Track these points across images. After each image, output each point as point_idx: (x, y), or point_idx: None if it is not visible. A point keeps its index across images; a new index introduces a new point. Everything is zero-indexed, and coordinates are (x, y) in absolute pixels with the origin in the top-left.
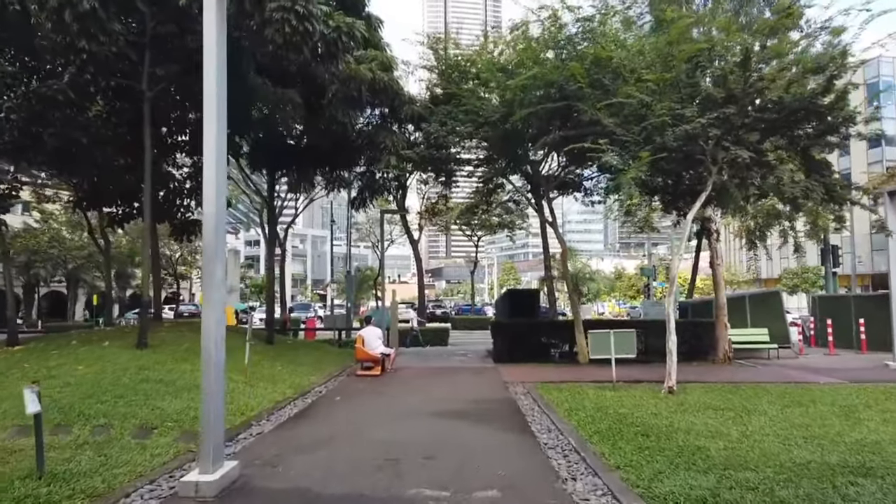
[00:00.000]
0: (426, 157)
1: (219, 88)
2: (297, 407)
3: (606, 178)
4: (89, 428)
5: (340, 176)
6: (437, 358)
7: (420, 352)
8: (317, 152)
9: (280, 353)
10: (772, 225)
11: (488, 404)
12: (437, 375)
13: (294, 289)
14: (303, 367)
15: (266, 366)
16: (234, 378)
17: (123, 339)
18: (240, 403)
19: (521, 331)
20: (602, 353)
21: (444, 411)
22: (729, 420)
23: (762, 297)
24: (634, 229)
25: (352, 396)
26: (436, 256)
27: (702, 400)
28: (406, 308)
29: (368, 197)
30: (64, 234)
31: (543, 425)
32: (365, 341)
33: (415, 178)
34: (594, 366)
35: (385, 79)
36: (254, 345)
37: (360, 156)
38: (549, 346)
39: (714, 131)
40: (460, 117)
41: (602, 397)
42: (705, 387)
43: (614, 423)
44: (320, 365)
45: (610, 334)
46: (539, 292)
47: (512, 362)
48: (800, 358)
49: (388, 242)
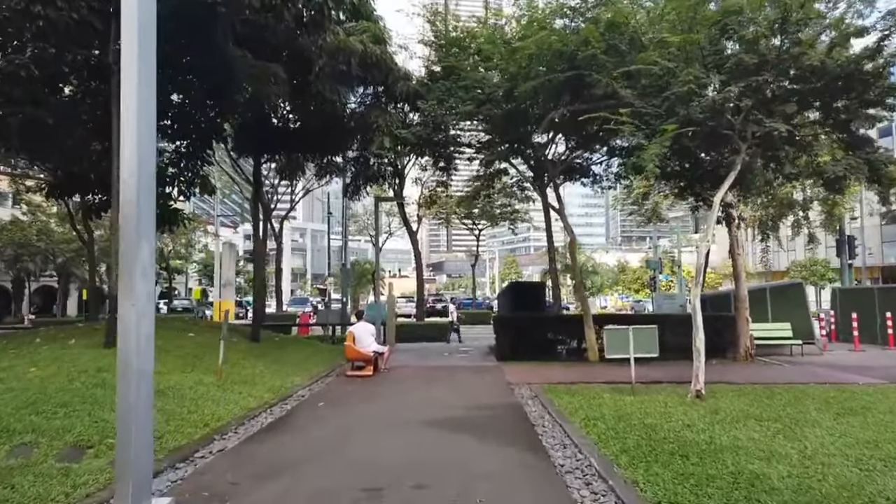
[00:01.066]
0: (423, 137)
1: None
2: (273, 415)
3: (617, 163)
4: (8, 448)
5: (332, 162)
6: (435, 356)
7: (417, 349)
8: (306, 135)
9: (265, 351)
10: (785, 215)
11: (492, 411)
12: (434, 376)
13: (294, 283)
14: (287, 367)
15: (246, 366)
16: (204, 381)
17: (92, 338)
18: (205, 412)
19: (525, 326)
20: (619, 353)
21: (441, 420)
22: (779, 434)
23: (784, 289)
24: (642, 220)
25: (337, 402)
26: (437, 251)
27: (737, 407)
28: (406, 302)
29: (362, 184)
30: (52, 227)
31: (557, 439)
32: (356, 338)
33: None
34: (606, 364)
35: (377, 52)
36: (235, 342)
37: (352, 139)
38: (556, 343)
39: (745, 101)
40: (460, 94)
41: (621, 403)
42: (734, 389)
43: (643, 437)
44: (307, 364)
45: (628, 331)
46: (545, 285)
47: (516, 360)
48: (824, 355)
49: (387, 235)
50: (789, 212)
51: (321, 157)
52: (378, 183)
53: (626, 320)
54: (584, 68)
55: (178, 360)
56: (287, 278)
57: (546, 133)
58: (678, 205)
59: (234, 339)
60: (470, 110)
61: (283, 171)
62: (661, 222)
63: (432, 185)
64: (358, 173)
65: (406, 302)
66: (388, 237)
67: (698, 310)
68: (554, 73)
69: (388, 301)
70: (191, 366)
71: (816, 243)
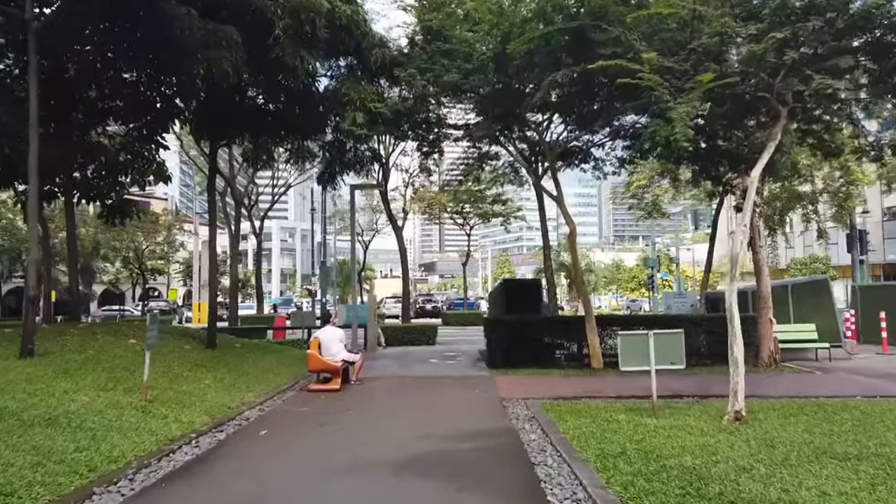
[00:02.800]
0: (402, 112)
1: None
2: (198, 448)
3: (621, 146)
4: None
5: (304, 147)
6: (419, 363)
7: (400, 354)
8: (273, 116)
9: (220, 360)
10: (792, 208)
11: (480, 442)
12: (414, 389)
13: (283, 284)
14: (241, 380)
15: (190, 379)
16: (121, 403)
17: (10, 345)
18: (101, 449)
19: (520, 329)
20: (637, 364)
21: (413, 459)
22: (879, 484)
23: (808, 285)
24: (642, 215)
25: (285, 429)
26: (429, 250)
27: (793, 435)
28: (395, 302)
29: (338, 172)
30: (19, 224)
31: (567, 490)
32: (322, 346)
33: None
34: (612, 372)
35: (347, 12)
36: (187, 350)
37: (325, 121)
38: (554, 348)
39: (791, 54)
40: (443, 62)
41: (642, 428)
42: (775, 407)
43: (687, 491)
44: (267, 376)
45: (648, 337)
46: (541, 283)
47: (510, 368)
48: (853, 359)
49: (374, 233)
50: (797, 205)
51: (291, 140)
52: (356, 170)
53: (630, 322)
54: (591, 18)
55: (100, 375)
56: (276, 279)
57: (541, 112)
58: (680, 198)
59: (187, 345)
60: (455, 81)
61: (249, 158)
62: (662, 217)
63: (416, 172)
64: (333, 159)
65: (395, 302)
66: (374, 235)
67: (735, 311)
68: (553, 25)
69: (369, 302)
70: (114, 382)
71: (827, 238)
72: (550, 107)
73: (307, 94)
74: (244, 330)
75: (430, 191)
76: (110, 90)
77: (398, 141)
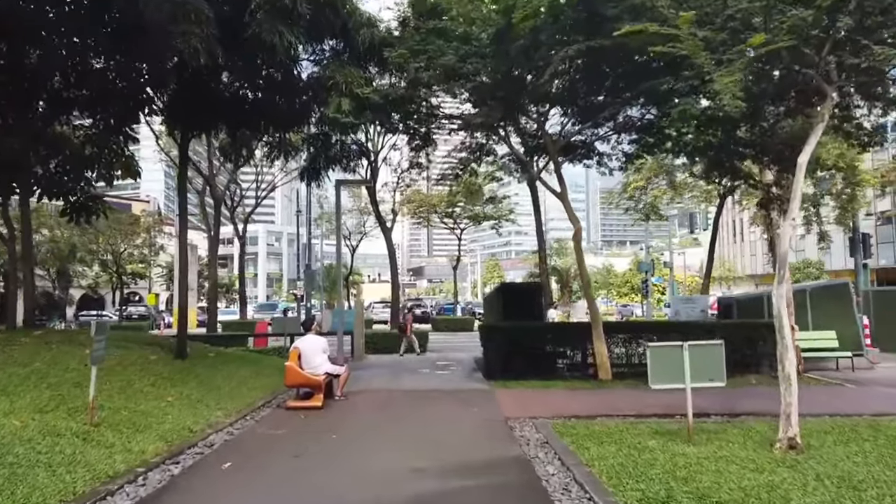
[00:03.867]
0: (393, 99)
1: None
2: (143, 487)
3: (627, 140)
4: None
5: (287, 141)
6: (409, 373)
7: (389, 364)
8: (253, 105)
9: (189, 372)
10: None
11: (487, 478)
12: (405, 406)
13: (269, 288)
14: (211, 396)
15: (150, 396)
16: (60, 428)
17: None
18: (19, 491)
19: (519, 337)
20: (670, 380)
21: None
22: None
23: (828, 290)
24: (639, 217)
25: (254, 460)
26: (417, 255)
27: (872, 471)
28: (384, 307)
29: (322, 167)
30: None
31: None
32: (302, 357)
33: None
34: (621, 385)
35: None
36: (152, 360)
37: (309, 111)
38: (556, 357)
39: (844, 20)
40: (438, 43)
41: (682, 459)
42: (821, 428)
43: None
44: (241, 390)
45: (683, 350)
46: (541, 287)
47: (510, 380)
48: (875, 369)
49: (361, 235)
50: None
51: (272, 133)
52: (343, 166)
53: (637, 329)
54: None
55: (42, 393)
56: (262, 283)
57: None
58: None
59: (153, 355)
60: (451, 64)
61: (228, 153)
62: (660, 219)
63: (406, 168)
64: (318, 154)
65: (383, 307)
66: (362, 237)
67: (785, 317)
68: None
69: (356, 307)
70: (58, 401)
71: (829, 242)
72: (552, 98)
73: (289, 81)
74: (223, 337)
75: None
76: (76, 78)
77: (388, 134)
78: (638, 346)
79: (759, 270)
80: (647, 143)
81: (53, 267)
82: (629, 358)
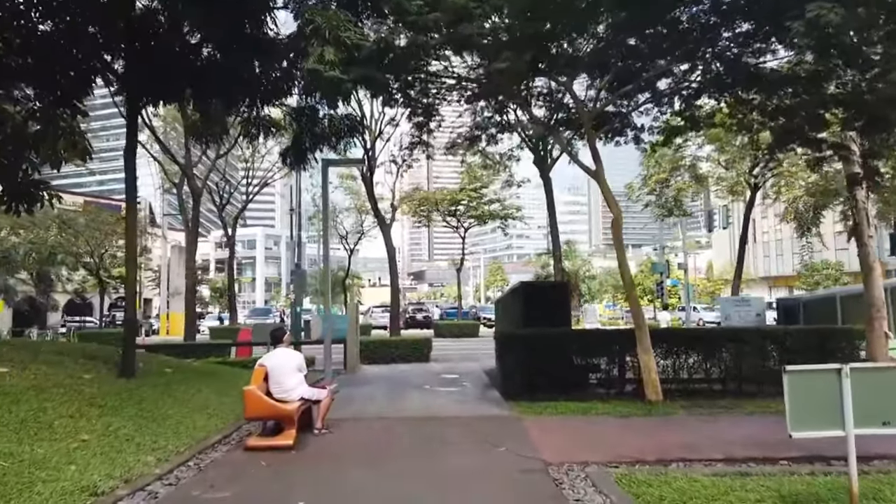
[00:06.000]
0: (388, 45)
1: None
2: None
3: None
4: None
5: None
6: (412, 390)
7: (388, 376)
8: (225, 72)
9: (130, 396)
10: (827, 205)
11: None
12: (407, 445)
13: (267, 293)
14: (147, 431)
15: (61, 433)
16: None
17: None
18: None
19: (545, 347)
20: (821, 424)
21: None
22: None
23: None
24: (662, 213)
25: None
26: (418, 259)
27: None
28: (383, 311)
29: (309, 147)
30: None
31: None
32: (270, 378)
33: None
34: (679, 409)
35: None
36: (87, 380)
37: (291, 78)
38: (585, 370)
39: None
40: None
41: None
42: None
43: None
44: (193, 420)
45: (842, 377)
46: (568, 286)
47: (534, 399)
48: None
49: (359, 235)
50: (834, 200)
51: (249, 104)
52: (332, 146)
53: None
54: None
55: None
56: (260, 288)
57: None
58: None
59: (88, 374)
60: (463, 3)
61: (198, 132)
62: (684, 215)
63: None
64: (302, 131)
65: (382, 312)
66: (360, 237)
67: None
68: None
69: (349, 311)
70: None
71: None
72: (579, 63)
73: (266, 42)
74: (201, 347)
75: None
76: (20, 44)
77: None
78: (687, 358)
79: (774, 272)
80: (697, 115)
81: (33, 270)
82: (676, 371)
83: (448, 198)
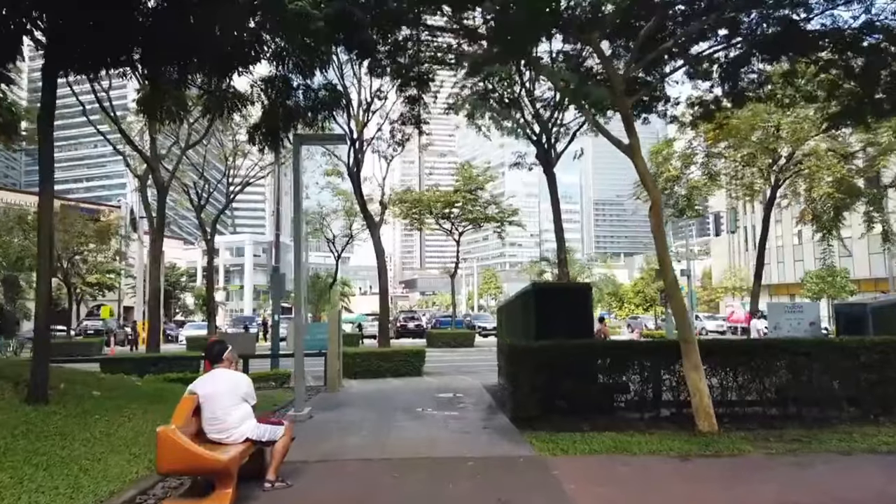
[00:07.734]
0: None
1: None
2: None
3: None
4: None
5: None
6: (402, 416)
7: (375, 395)
8: (178, 34)
9: (32, 430)
10: (849, 206)
11: None
12: None
13: (255, 301)
14: (30, 483)
15: None
16: None
17: None
18: None
19: (567, 364)
20: None
21: None
22: None
23: None
24: (673, 214)
25: None
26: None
27: None
28: (372, 320)
29: (281, 124)
30: None
31: None
32: (203, 410)
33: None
34: (747, 444)
35: None
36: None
37: (259, 41)
38: (612, 390)
39: None
40: None
41: None
42: None
43: None
44: (103, 468)
45: None
46: (589, 291)
47: (555, 429)
48: None
49: (348, 239)
50: (856, 201)
51: (208, 74)
52: (309, 122)
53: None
54: None
55: None
56: (248, 296)
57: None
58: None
59: None
60: None
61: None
62: (696, 216)
63: (396, 120)
64: (274, 104)
65: (372, 321)
66: (348, 241)
67: None
68: None
69: (330, 320)
70: None
71: (893, 242)
72: (599, 25)
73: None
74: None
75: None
76: None
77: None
78: (736, 376)
79: (774, 279)
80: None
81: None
82: (724, 393)
83: (442, 199)
